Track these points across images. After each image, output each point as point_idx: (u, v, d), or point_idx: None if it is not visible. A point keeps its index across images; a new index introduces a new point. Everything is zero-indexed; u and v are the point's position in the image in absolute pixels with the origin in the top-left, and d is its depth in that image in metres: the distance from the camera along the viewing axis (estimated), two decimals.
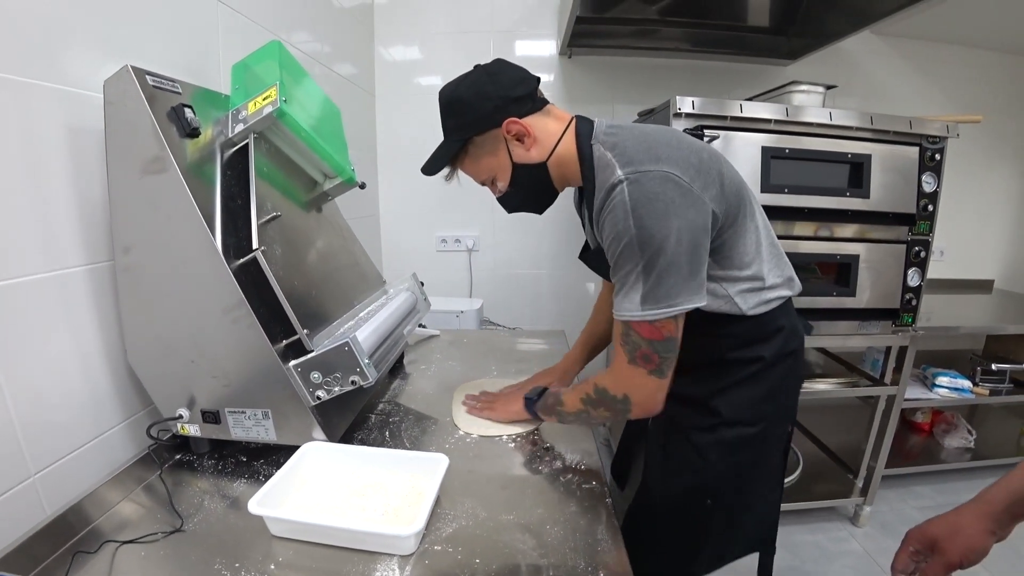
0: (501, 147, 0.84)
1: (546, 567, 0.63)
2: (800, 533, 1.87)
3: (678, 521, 0.94)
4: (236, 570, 0.64)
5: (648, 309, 0.73)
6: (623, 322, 0.76)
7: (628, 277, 0.74)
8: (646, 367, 0.76)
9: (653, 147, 0.75)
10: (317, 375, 0.80)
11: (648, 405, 0.80)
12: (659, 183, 0.71)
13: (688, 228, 0.71)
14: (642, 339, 0.75)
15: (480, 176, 0.89)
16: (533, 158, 0.84)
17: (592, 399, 0.84)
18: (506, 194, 0.90)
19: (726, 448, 0.88)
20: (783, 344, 0.88)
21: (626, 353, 0.77)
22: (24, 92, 0.70)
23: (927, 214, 1.61)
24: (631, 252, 0.72)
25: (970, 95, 2.30)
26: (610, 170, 0.75)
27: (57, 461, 0.77)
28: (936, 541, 0.62)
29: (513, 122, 0.81)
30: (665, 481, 0.95)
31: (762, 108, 1.47)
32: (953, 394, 1.97)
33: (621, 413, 0.82)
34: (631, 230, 0.71)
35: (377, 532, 0.67)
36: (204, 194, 0.81)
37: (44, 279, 0.75)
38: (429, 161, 0.88)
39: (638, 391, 0.79)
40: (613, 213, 0.73)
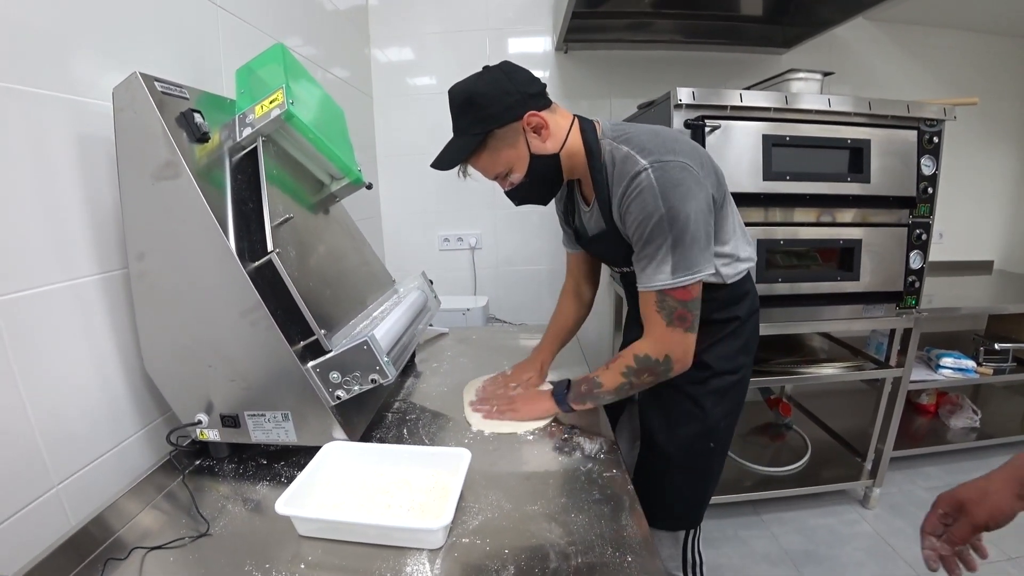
0: (520, 139, 0.89)
1: (574, 554, 0.64)
2: (812, 517, 1.88)
3: (688, 467, 1.06)
4: (267, 571, 0.64)
5: (679, 276, 0.85)
6: (657, 291, 0.87)
7: (658, 251, 0.84)
8: (682, 326, 0.88)
9: (666, 142, 0.86)
10: (336, 375, 0.81)
11: (686, 359, 0.91)
12: (679, 171, 0.83)
13: (701, 208, 0.84)
14: (677, 301, 0.86)
15: (496, 169, 0.92)
16: (548, 149, 0.91)
17: (634, 369, 0.91)
18: (519, 186, 0.94)
19: (718, 395, 1.02)
20: (751, 304, 1.05)
21: (664, 317, 0.88)
22: (33, 102, 0.71)
23: (927, 197, 1.62)
24: (660, 229, 0.83)
25: (964, 78, 2.32)
26: (631, 161, 0.85)
27: (79, 471, 0.77)
28: (964, 504, 0.63)
29: (533, 115, 0.88)
30: (670, 434, 1.05)
31: (761, 97, 1.47)
32: (957, 375, 1.98)
33: (664, 374, 0.91)
34: (661, 210, 0.82)
35: (406, 527, 0.67)
36: (216, 198, 0.81)
37: (59, 289, 0.75)
38: (445, 156, 0.91)
39: (677, 348, 0.89)
40: (642, 196, 0.83)
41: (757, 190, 1.51)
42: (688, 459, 1.05)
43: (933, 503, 0.67)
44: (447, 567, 0.63)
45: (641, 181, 0.83)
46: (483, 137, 0.88)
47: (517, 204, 1.00)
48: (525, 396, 1.06)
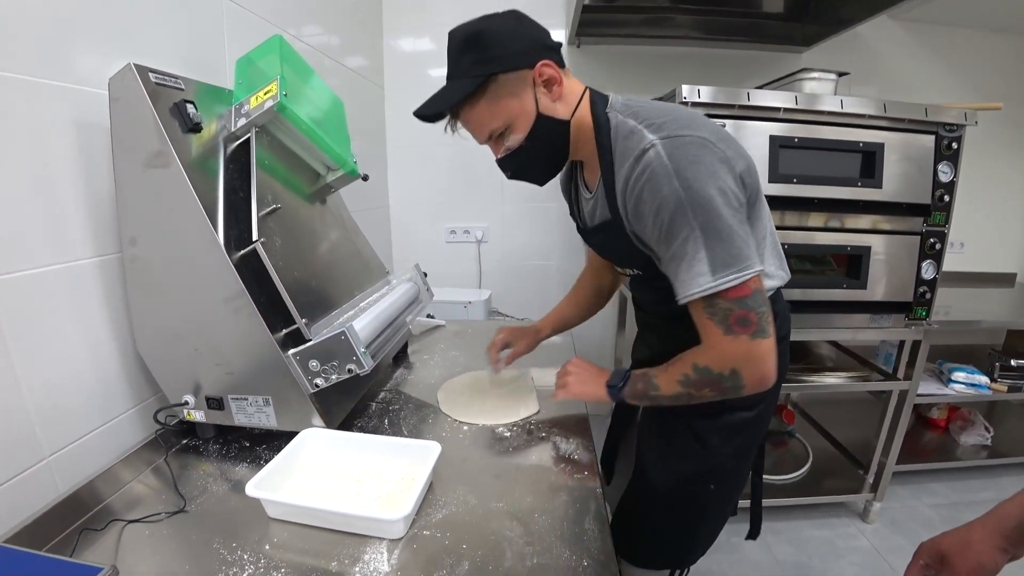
0: (527, 91, 0.75)
1: (531, 554, 0.65)
2: (808, 528, 1.85)
3: (677, 507, 0.94)
4: (233, 549, 0.66)
5: (722, 276, 0.67)
6: (702, 299, 0.69)
7: (685, 245, 0.68)
8: (746, 331, 0.69)
9: (680, 117, 0.72)
10: (315, 363, 0.82)
11: (761, 373, 0.72)
12: (697, 147, 0.67)
13: (728, 189, 0.68)
14: (731, 302, 0.68)
15: (493, 123, 0.77)
16: (558, 112, 0.77)
17: (692, 380, 0.76)
18: (516, 151, 0.79)
19: (728, 432, 0.89)
20: (778, 329, 0.86)
21: (719, 325, 0.70)
22: (34, 92, 0.73)
23: (943, 205, 1.57)
24: (682, 217, 0.66)
25: (991, 82, 2.22)
26: (637, 136, 0.70)
27: (70, 444, 0.80)
28: (946, 555, 0.61)
29: (548, 64, 0.74)
30: (665, 468, 0.94)
31: (771, 96, 1.44)
32: (970, 390, 1.92)
33: (732, 391, 0.74)
34: (678, 192, 0.66)
35: (367, 516, 0.68)
36: (207, 187, 0.83)
37: (55, 271, 0.77)
38: (433, 102, 0.77)
39: (747, 363, 0.71)
40: (653, 179, 0.67)
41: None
42: (679, 499, 0.93)
43: (915, 552, 0.65)
44: (404, 558, 0.64)
45: (649, 161, 0.67)
46: (484, 80, 0.73)
47: (510, 176, 0.85)
48: (581, 373, 0.93)
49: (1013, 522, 0.58)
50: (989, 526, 0.60)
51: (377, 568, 0.63)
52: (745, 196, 0.73)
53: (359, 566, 0.63)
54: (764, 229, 0.82)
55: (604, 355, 2.45)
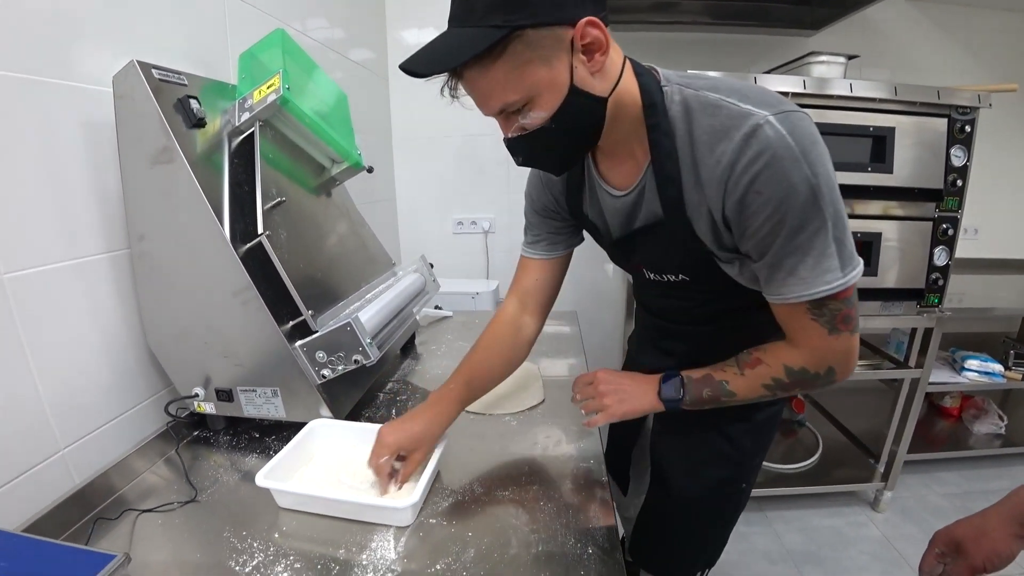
0: (562, 58, 0.57)
1: (536, 542, 0.65)
2: (818, 517, 1.85)
3: (708, 514, 0.92)
4: (243, 537, 0.68)
5: (849, 271, 0.61)
6: (818, 299, 0.62)
7: (814, 240, 0.59)
8: (848, 328, 0.65)
9: (761, 89, 0.61)
10: (322, 354, 0.83)
11: (851, 365, 0.69)
12: (810, 124, 0.58)
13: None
14: (841, 302, 0.63)
15: (510, 94, 0.59)
16: (596, 88, 0.60)
17: (784, 383, 0.71)
18: (537, 131, 0.62)
19: (757, 431, 0.87)
20: None
21: (824, 326, 0.65)
22: (41, 91, 0.73)
23: (956, 189, 1.54)
24: (815, 208, 0.57)
25: (1005, 63, 2.17)
26: (729, 111, 0.59)
27: (84, 436, 0.81)
28: (961, 543, 0.60)
29: (594, 24, 0.56)
30: (694, 479, 0.90)
31: (778, 81, 1.42)
32: (983, 378, 1.90)
33: (823, 385, 0.71)
34: (810, 180, 0.56)
35: (375, 504, 0.69)
36: (212, 182, 0.84)
37: (66, 267, 0.78)
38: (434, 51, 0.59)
39: (843, 358, 0.67)
40: (776, 163, 0.56)
41: None
42: (710, 505, 0.90)
43: (930, 541, 0.64)
44: (410, 545, 0.65)
45: (768, 141, 0.55)
46: (506, 35, 0.54)
47: (521, 162, 0.69)
48: (620, 392, 0.80)
49: None
50: (1004, 513, 0.59)
51: (384, 556, 0.64)
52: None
53: (366, 554, 0.64)
54: None
55: (614, 343, 2.45)
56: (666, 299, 0.85)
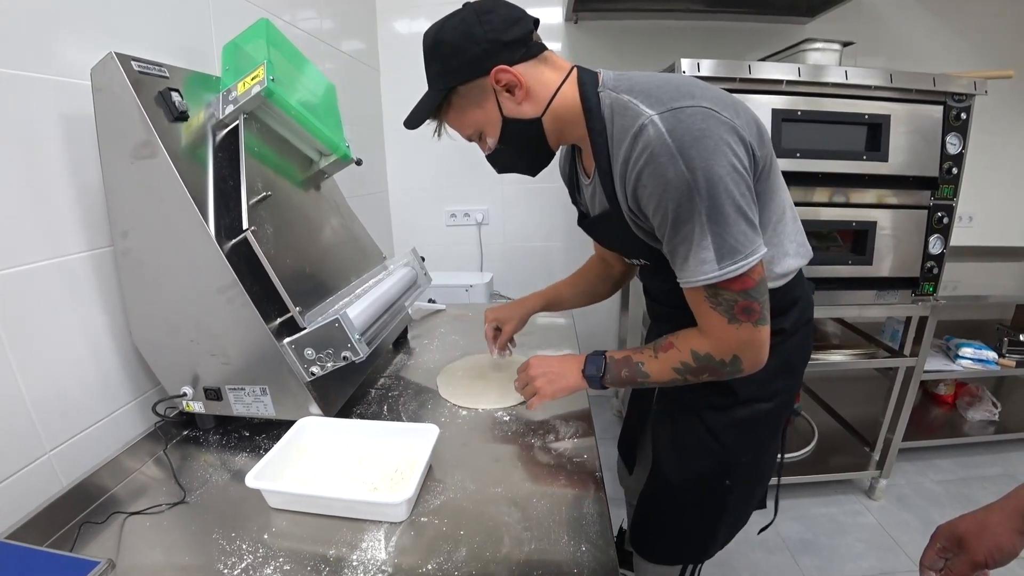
0: (489, 98, 0.74)
1: (529, 540, 0.64)
2: (814, 506, 1.85)
3: (694, 504, 0.92)
4: (232, 539, 0.67)
5: (728, 265, 0.65)
6: (705, 288, 0.69)
7: (692, 234, 0.65)
8: (750, 319, 0.70)
9: (680, 86, 0.67)
10: (311, 351, 0.82)
11: (758, 357, 0.73)
12: (701, 119, 0.63)
13: (734, 163, 0.64)
14: (736, 293, 0.68)
15: (465, 131, 0.79)
16: (526, 113, 0.74)
17: (692, 367, 0.76)
18: (495, 152, 0.80)
19: (742, 427, 0.86)
20: (800, 314, 0.86)
21: (723, 314, 0.70)
22: (18, 85, 0.71)
23: (951, 177, 1.53)
24: (689, 202, 0.63)
25: (1003, 50, 2.15)
26: (632, 111, 0.66)
27: (71, 438, 0.80)
28: (963, 538, 0.59)
29: (503, 71, 0.71)
30: (679, 467, 0.92)
31: (773, 68, 1.40)
32: (977, 366, 1.90)
33: (731, 374, 0.75)
34: (684, 175, 0.62)
35: (368, 501, 0.69)
36: (196, 176, 0.82)
37: (48, 266, 0.77)
38: (411, 114, 0.79)
39: (747, 348, 0.72)
40: (654, 160, 0.63)
41: None
42: (695, 497, 0.91)
43: (932, 535, 0.63)
44: (401, 544, 0.64)
45: (649, 140, 0.63)
46: (446, 93, 0.74)
47: (499, 172, 0.86)
48: (548, 370, 0.87)
49: None
50: (1007, 508, 0.58)
51: (375, 556, 0.63)
52: (757, 169, 0.70)
53: (357, 553, 0.63)
54: (781, 203, 0.78)
55: (608, 334, 2.45)
56: (651, 281, 0.93)
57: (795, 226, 0.83)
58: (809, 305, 0.89)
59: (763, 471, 0.96)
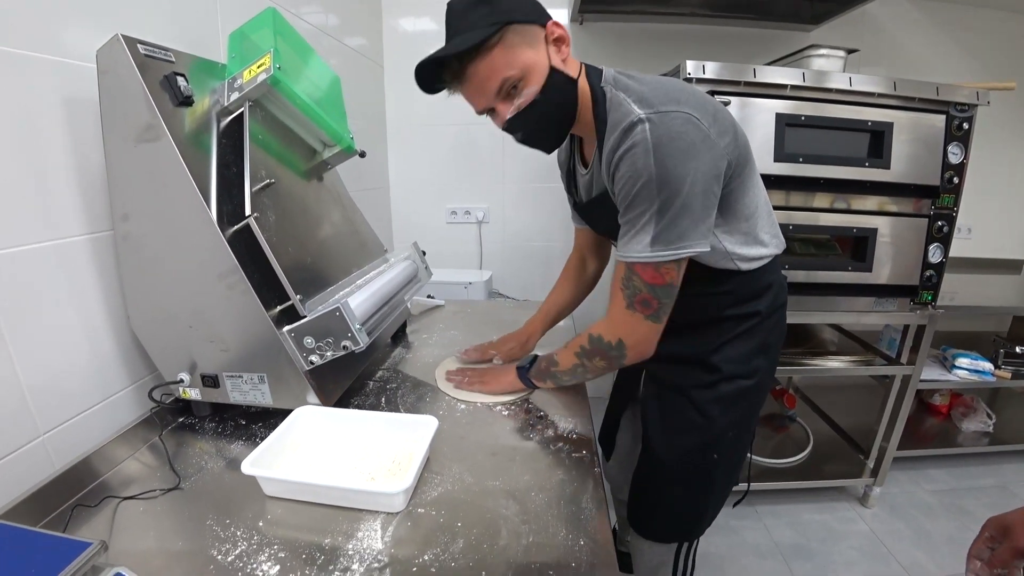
0: (541, 44, 0.76)
1: (527, 533, 0.64)
2: (808, 512, 1.85)
3: (684, 479, 0.97)
4: (226, 526, 0.66)
5: (657, 250, 0.73)
6: (627, 265, 0.77)
7: (640, 218, 0.73)
8: (644, 312, 0.78)
9: (670, 91, 0.74)
10: (310, 340, 0.81)
11: (642, 348, 0.82)
12: (680, 123, 0.70)
13: (704, 171, 0.71)
14: (644, 283, 0.76)
15: (510, 70, 0.74)
16: (569, 70, 0.78)
17: (587, 350, 0.85)
18: (531, 105, 0.76)
19: (726, 402, 0.91)
20: (774, 298, 0.92)
21: (625, 298, 0.79)
22: (20, 64, 0.71)
23: (952, 187, 1.54)
24: (648, 193, 0.71)
25: (1005, 63, 2.17)
26: (624, 109, 0.73)
27: (65, 422, 0.79)
28: (1010, 527, 0.62)
29: (557, 24, 0.76)
30: (669, 442, 0.96)
31: (778, 73, 1.41)
32: (973, 376, 1.91)
33: (616, 360, 0.84)
34: (651, 169, 0.70)
35: (366, 490, 0.68)
36: (199, 162, 0.81)
37: (46, 248, 0.76)
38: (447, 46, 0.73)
39: (632, 335, 0.81)
40: (632, 152, 0.71)
41: (767, 171, 1.45)
42: (685, 471, 0.96)
43: (982, 526, 0.66)
44: (397, 535, 0.64)
45: (635, 135, 0.70)
46: (500, 28, 0.71)
47: (520, 138, 0.82)
48: (495, 370, 1.03)
49: None
50: None
51: (371, 545, 0.62)
52: (729, 172, 0.77)
53: (352, 543, 0.62)
54: (755, 199, 0.85)
55: None
56: None
57: (769, 219, 0.90)
58: (782, 290, 0.95)
59: (744, 447, 1.02)
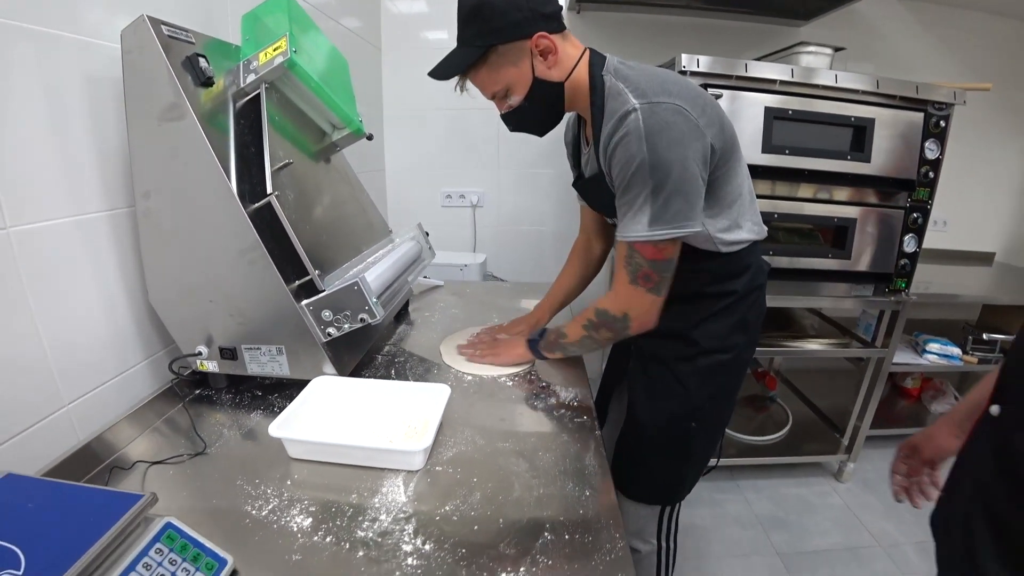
0: (525, 59, 0.83)
1: (537, 485, 0.70)
2: (786, 486, 1.96)
3: (665, 446, 1.02)
4: (256, 485, 0.71)
5: (656, 230, 0.79)
6: (628, 244, 0.83)
7: (636, 200, 0.80)
8: (646, 286, 0.85)
9: (664, 83, 0.80)
10: (328, 313, 0.86)
11: (645, 319, 0.88)
12: (671, 114, 0.76)
13: (692, 158, 0.78)
14: (645, 260, 0.83)
15: (495, 87, 0.87)
16: (553, 76, 0.85)
17: (594, 323, 0.92)
18: (516, 109, 0.88)
19: (704, 375, 0.98)
20: (751, 279, 0.97)
21: (628, 274, 0.85)
22: (44, 41, 0.72)
23: (927, 181, 1.62)
24: (642, 176, 0.77)
25: (985, 63, 2.24)
26: (622, 99, 0.78)
27: (87, 394, 0.82)
28: (916, 446, 0.83)
29: (544, 36, 0.82)
30: (652, 410, 1.02)
31: (768, 68, 1.47)
32: (942, 361, 2.01)
33: (621, 332, 0.90)
34: (644, 154, 0.76)
35: (389, 448, 0.73)
36: (219, 141, 0.84)
37: (69, 223, 0.78)
38: (441, 65, 0.85)
39: (636, 308, 0.87)
40: (627, 139, 0.77)
41: (754, 162, 1.52)
42: (666, 438, 1.01)
43: (897, 448, 0.86)
44: (419, 489, 0.69)
45: (628, 123, 0.77)
46: (484, 51, 0.82)
47: (512, 129, 0.94)
48: (507, 342, 1.11)
49: (961, 415, 0.78)
50: (945, 420, 0.81)
51: (395, 499, 0.67)
52: (714, 160, 0.83)
53: (377, 497, 0.68)
54: (739, 186, 0.91)
55: None
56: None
57: (752, 208, 0.96)
58: (760, 272, 1.00)
59: (722, 420, 1.07)
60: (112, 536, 0.50)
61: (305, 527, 0.63)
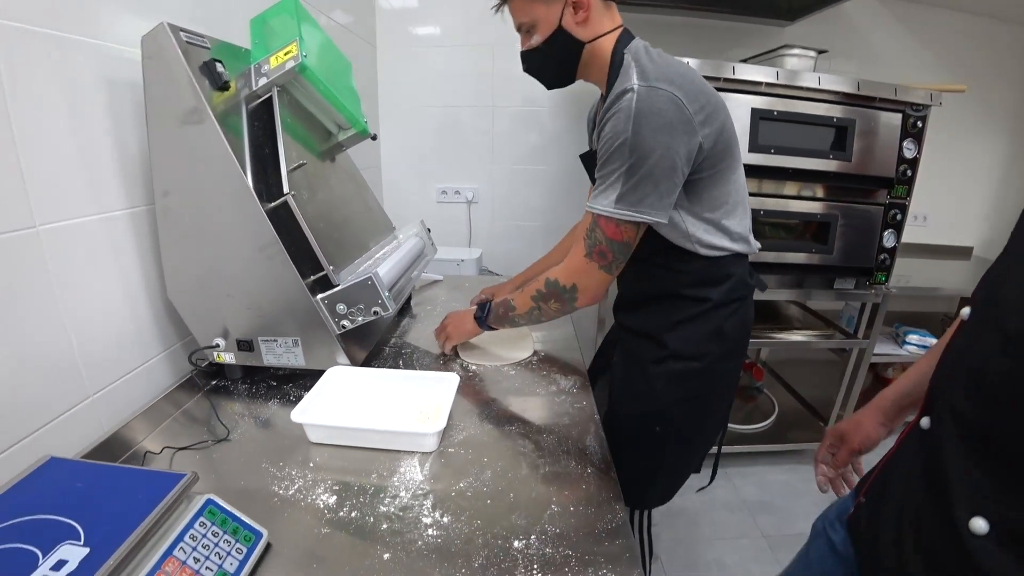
0: (557, 3, 0.86)
1: (543, 464, 0.76)
2: (772, 473, 2.04)
3: (634, 445, 1.01)
4: (280, 467, 0.75)
5: (620, 209, 0.81)
6: (593, 217, 0.85)
7: (611, 175, 0.81)
8: (600, 262, 0.87)
9: (671, 73, 0.81)
10: (342, 307, 0.90)
11: (591, 293, 0.91)
12: (665, 102, 0.78)
13: (676, 150, 0.79)
14: (604, 236, 0.85)
15: (524, 17, 0.90)
16: (577, 33, 0.87)
17: (543, 293, 0.94)
18: (535, 50, 0.91)
19: (673, 380, 0.97)
20: (729, 290, 0.95)
21: (586, 247, 0.87)
22: (65, 46, 0.75)
23: (906, 179, 1.70)
24: (621, 153, 0.79)
25: (960, 62, 2.33)
26: (626, 77, 0.81)
27: (109, 385, 0.85)
28: (844, 434, 0.80)
29: None
30: (620, 405, 1.04)
31: (754, 71, 1.53)
32: (921, 351, 2.10)
33: (569, 303, 0.92)
34: (627, 133, 0.78)
35: (405, 431, 0.79)
36: (235, 143, 0.88)
37: (92, 221, 0.81)
38: None
39: (585, 281, 0.89)
40: (617, 115, 0.79)
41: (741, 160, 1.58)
42: (630, 434, 1.01)
43: (824, 436, 0.84)
44: (435, 469, 0.75)
45: (623, 101, 0.78)
46: None
47: (524, 69, 0.97)
48: (454, 321, 1.10)
49: (888, 403, 0.77)
50: (873, 408, 0.79)
51: (413, 478, 0.73)
52: (700, 158, 0.83)
53: (396, 477, 0.73)
54: (729, 195, 0.90)
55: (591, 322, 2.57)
56: None
57: (742, 220, 0.94)
58: (741, 285, 0.97)
59: (702, 435, 1.06)
60: (162, 510, 0.54)
61: (331, 504, 0.68)
